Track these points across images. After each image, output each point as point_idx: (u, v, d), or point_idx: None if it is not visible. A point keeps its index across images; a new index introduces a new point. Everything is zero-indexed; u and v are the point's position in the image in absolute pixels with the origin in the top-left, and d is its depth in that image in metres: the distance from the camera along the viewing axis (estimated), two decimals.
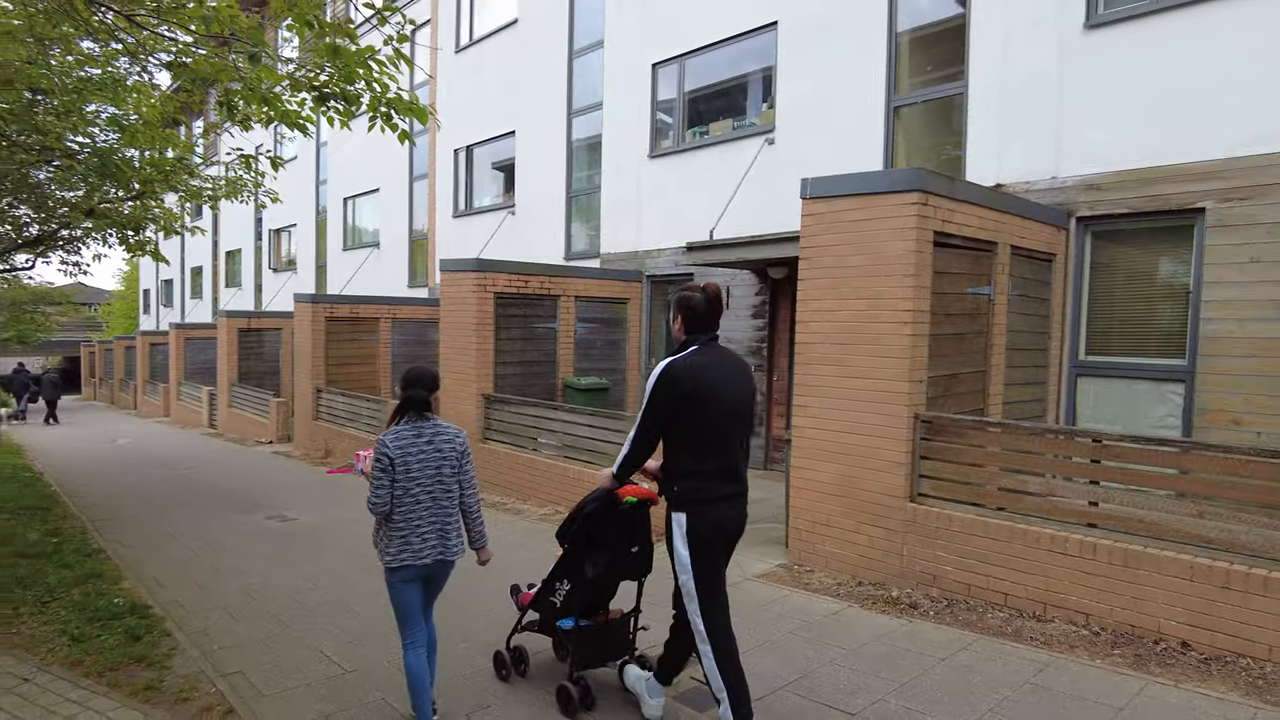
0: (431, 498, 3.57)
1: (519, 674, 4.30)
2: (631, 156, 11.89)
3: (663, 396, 3.40)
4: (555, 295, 10.79)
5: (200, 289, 31.09)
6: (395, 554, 3.54)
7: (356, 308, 14.74)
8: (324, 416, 14.12)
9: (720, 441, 3.42)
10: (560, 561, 4.02)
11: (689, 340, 3.51)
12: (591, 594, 3.97)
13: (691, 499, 3.41)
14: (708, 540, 3.40)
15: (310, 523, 8.42)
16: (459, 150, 15.86)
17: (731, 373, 3.50)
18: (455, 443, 3.64)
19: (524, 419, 9.42)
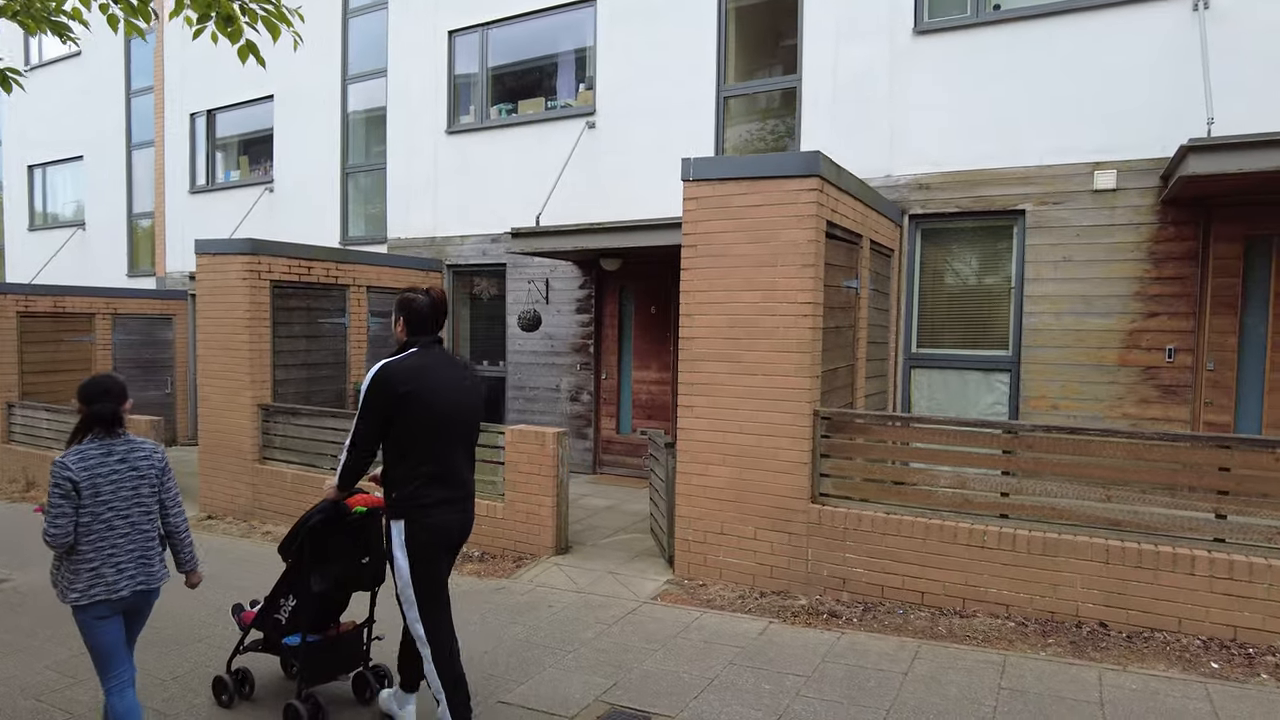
0: (129, 523, 3.23)
1: (243, 697, 4.05)
2: (425, 132, 10.62)
3: (378, 400, 3.31)
4: (344, 285, 9.28)
5: None
6: (85, 589, 3.13)
7: (61, 300, 11.80)
8: (19, 438, 11.13)
9: (441, 446, 3.38)
10: (284, 577, 3.88)
11: (410, 343, 3.46)
12: (319, 608, 3.87)
13: (410, 505, 3.34)
14: (425, 545, 3.36)
15: (35, 583, 6.33)
16: (197, 115, 13.34)
17: (453, 377, 3.46)
18: (154, 459, 3.33)
19: (320, 433, 7.92)
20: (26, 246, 16.53)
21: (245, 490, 8.29)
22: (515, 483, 6.51)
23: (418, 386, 3.31)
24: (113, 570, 3.17)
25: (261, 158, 12.72)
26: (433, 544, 3.38)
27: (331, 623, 4.02)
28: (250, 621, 4.05)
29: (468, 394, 3.49)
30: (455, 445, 3.44)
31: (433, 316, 3.47)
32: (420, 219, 10.72)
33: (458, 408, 3.43)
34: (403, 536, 3.35)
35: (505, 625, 5.01)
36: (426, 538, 3.36)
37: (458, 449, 3.45)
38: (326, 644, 3.92)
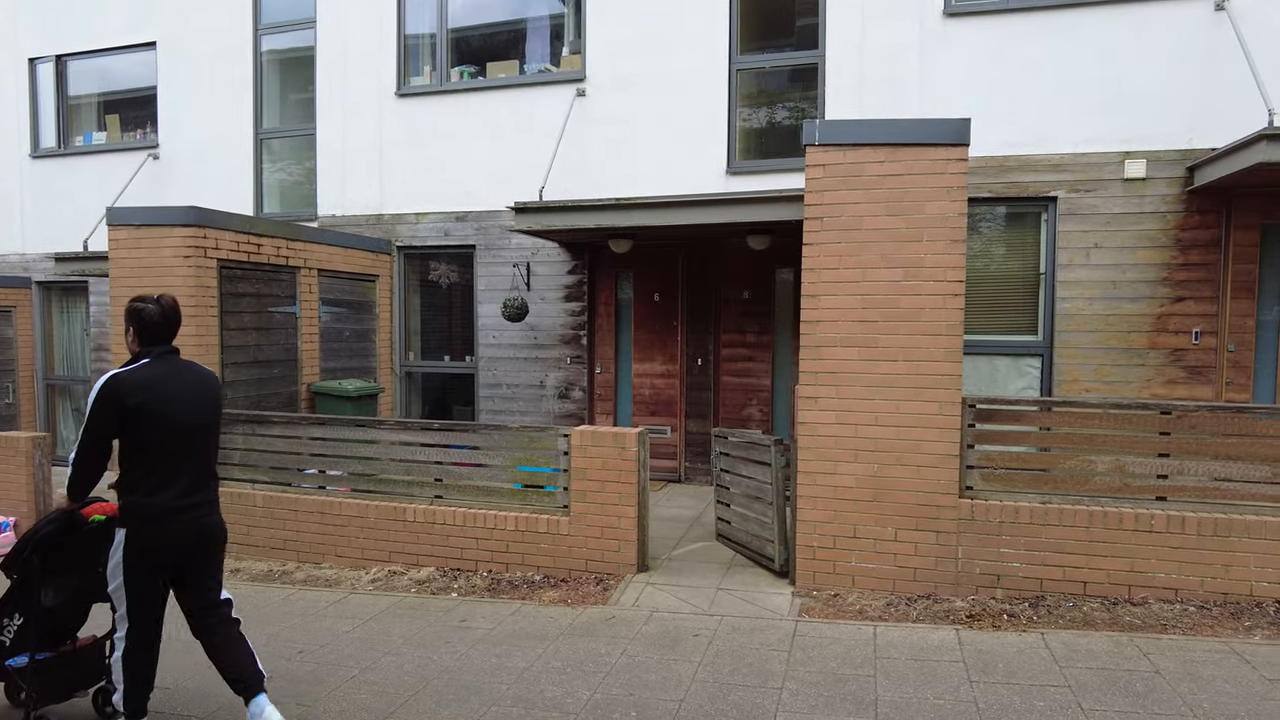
0: None
1: None
2: (368, 94, 9.25)
3: (105, 410, 3.29)
4: (295, 267, 7.83)
5: None
6: None
7: None
8: None
9: (174, 454, 3.40)
10: (9, 594, 3.67)
11: (142, 353, 3.44)
12: (52, 624, 3.71)
13: (133, 514, 3.37)
14: (143, 553, 3.36)
15: None
16: (39, 60, 10.91)
17: (189, 385, 3.48)
18: None
19: (296, 444, 6.56)
20: None
21: None
22: (585, 492, 5.63)
23: (150, 397, 3.32)
24: None
25: (140, 117, 10.59)
26: (152, 551, 3.40)
27: (68, 638, 3.85)
28: None
29: (206, 402, 3.53)
30: (194, 453, 3.46)
31: (165, 325, 3.48)
32: (362, 194, 9.32)
33: (197, 416, 3.47)
34: (122, 543, 3.36)
35: (673, 662, 4.22)
36: (146, 546, 3.37)
37: (196, 456, 3.47)
38: (61, 660, 3.75)
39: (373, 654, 4.52)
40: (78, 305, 11.10)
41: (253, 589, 5.87)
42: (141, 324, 3.45)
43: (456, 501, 6.06)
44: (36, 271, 10.98)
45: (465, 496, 6.08)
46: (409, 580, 5.84)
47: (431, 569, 5.96)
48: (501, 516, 5.85)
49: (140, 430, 3.34)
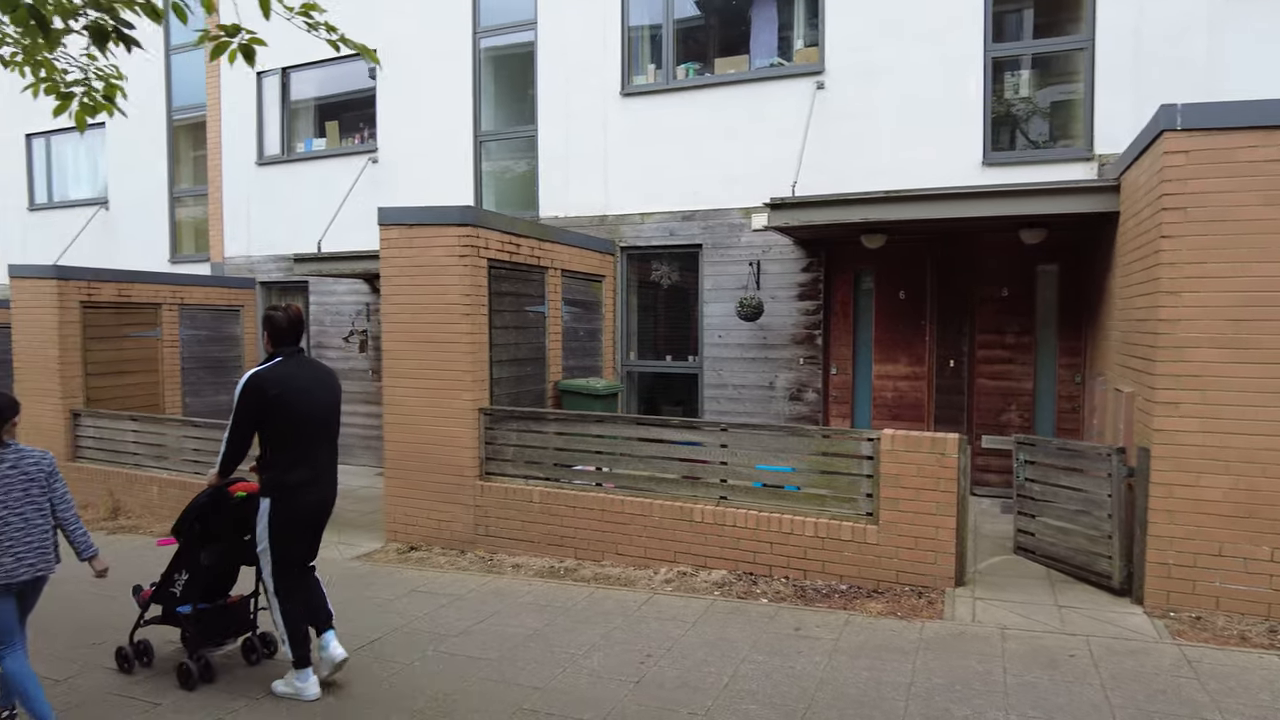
0: (23, 519, 3.70)
1: (143, 665, 4.55)
2: (590, 94, 9.29)
3: (250, 402, 3.95)
4: (544, 267, 7.91)
5: None
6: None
7: (126, 288, 9.93)
8: (91, 454, 9.24)
9: (305, 437, 4.05)
10: (177, 555, 4.40)
11: (276, 353, 4.10)
12: (209, 580, 4.44)
13: (276, 487, 4.01)
14: (286, 520, 4.03)
15: None
16: (267, 74, 11.50)
17: (315, 379, 4.16)
18: (42, 464, 3.81)
19: (572, 441, 6.60)
20: (28, 228, 14.17)
21: (463, 513, 6.87)
22: (896, 500, 5.41)
23: (285, 389, 3.97)
24: (11, 559, 3.64)
25: (358, 123, 11.03)
26: (293, 519, 4.07)
27: (222, 595, 4.57)
28: (149, 598, 4.51)
29: (328, 394, 4.21)
30: (318, 436, 4.14)
31: (291, 330, 4.13)
32: (584, 195, 9.38)
33: (321, 406, 4.13)
34: (267, 512, 4.04)
35: (1071, 685, 3.94)
36: (289, 514, 4.04)
37: (320, 439, 4.15)
38: (216, 611, 4.48)
39: (727, 661, 4.42)
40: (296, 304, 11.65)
41: (547, 586, 5.91)
42: (274, 328, 4.13)
43: (744, 503, 5.95)
44: (260, 273, 11.59)
45: (754, 499, 5.95)
46: (704, 582, 5.75)
47: (723, 572, 5.86)
48: (798, 521, 5.69)
49: (279, 417, 3.99)
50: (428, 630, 5.10)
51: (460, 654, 4.70)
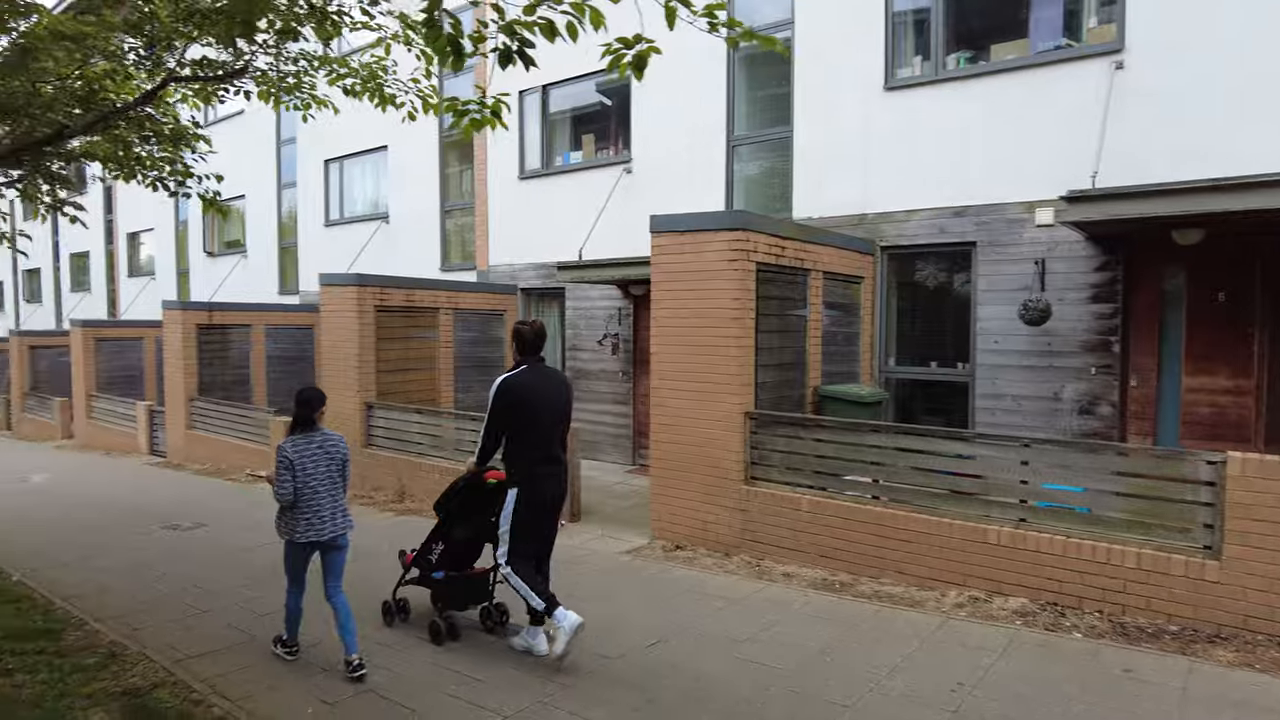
0: (325, 489, 4.59)
1: (402, 620, 5.34)
2: (848, 89, 8.99)
3: (500, 404, 4.65)
4: (806, 270, 7.75)
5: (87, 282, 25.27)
6: (302, 530, 4.54)
7: (412, 294, 10.99)
8: (380, 442, 10.32)
9: (543, 435, 4.71)
10: (435, 529, 5.20)
11: (521, 361, 4.78)
12: (459, 553, 5.18)
13: (520, 477, 4.69)
14: (528, 506, 4.69)
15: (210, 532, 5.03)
16: (528, 92, 12.30)
17: (551, 385, 4.82)
18: (340, 447, 4.71)
19: (844, 450, 6.38)
20: (323, 242, 16.22)
21: (727, 516, 6.86)
22: (1246, 534, 4.67)
23: (528, 393, 4.63)
24: (319, 520, 4.53)
25: (610, 134, 11.49)
26: (536, 505, 4.69)
27: (468, 566, 5.20)
28: (410, 562, 5.23)
29: (562, 397, 4.83)
30: (554, 434, 4.75)
31: (535, 341, 4.73)
32: (841, 194, 9.09)
33: (555, 409, 4.76)
34: (514, 499, 4.67)
35: None
36: (533, 500, 4.67)
37: (556, 437, 4.76)
38: (463, 580, 5.13)
39: (1053, 699, 4.03)
40: (552, 309, 12.35)
41: (823, 599, 5.74)
42: (520, 340, 4.78)
43: (1048, 526, 5.42)
44: (521, 279, 12.40)
45: (1059, 521, 5.40)
46: (1002, 610, 5.30)
47: (1022, 600, 5.37)
48: (1115, 550, 5.09)
49: (523, 417, 4.64)
50: (713, 633, 5.11)
51: (753, 661, 4.65)
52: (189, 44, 4.85)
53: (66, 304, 25.92)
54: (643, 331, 10.94)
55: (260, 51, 5.27)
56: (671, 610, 5.55)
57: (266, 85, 5.60)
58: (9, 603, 6.09)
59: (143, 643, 5.21)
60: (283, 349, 15.03)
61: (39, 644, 5.12)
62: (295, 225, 17.07)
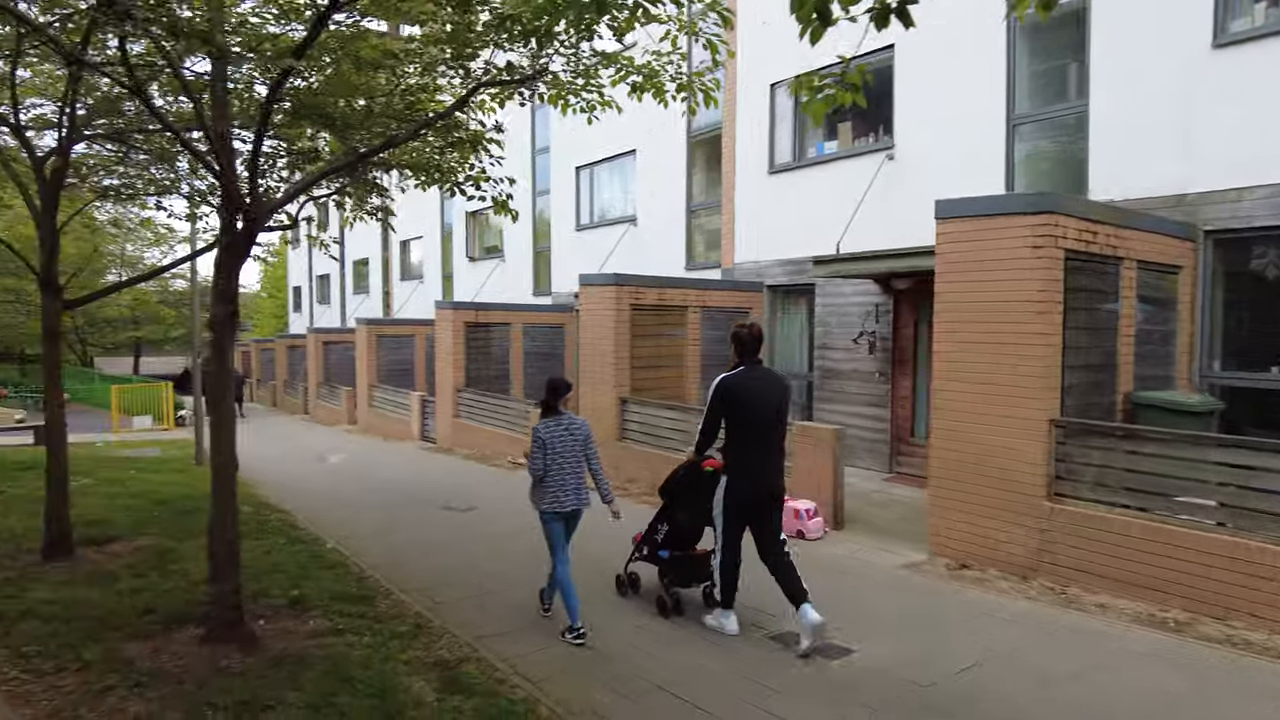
0: (571, 467, 5.17)
1: (634, 592, 5.89)
2: (1164, 52, 7.77)
3: (717, 401, 4.99)
4: (1118, 258, 6.77)
5: (366, 285, 28.58)
6: (549, 503, 5.14)
7: (664, 293, 11.09)
8: (634, 436, 10.50)
9: (756, 431, 4.94)
10: (660, 511, 5.68)
11: (740, 362, 5.04)
12: (682, 535, 5.59)
13: (732, 469, 4.98)
14: (740, 498, 4.97)
15: None
16: (779, 85, 12.01)
17: (767, 385, 5.03)
18: (584, 429, 5.30)
19: (1176, 466, 5.44)
20: (572, 247, 16.99)
21: (1024, 536, 6.12)
22: None
23: (744, 393, 4.95)
24: (564, 494, 5.16)
25: (869, 120, 10.91)
26: (746, 499, 4.98)
27: (690, 547, 5.64)
28: (639, 540, 5.79)
29: (778, 398, 5.05)
30: (768, 432, 5.00)
31: (752, 344, 5.04)
32: (1152, 171, 7.89)
33: (771, 409, 5.00)
34: (725, 489, 5.02)
35: None
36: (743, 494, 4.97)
37: (770, 435, 5.01)
38: (686, 559, 5.59)
39: None
40: (799, 306, 11.97)
41: (1153, 637, 4.93)
42: (739, 343, 5.04)
43: None
44: (767, 277, 12.14)
45: None
46: None
47: None
48: None
49: (738, 414, 4.93)
50: (1028, 666, 4.53)
51: (1083, 705, 4.03)
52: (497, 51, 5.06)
53: (350, 305, 29.39)
54: (903, 329, 10.26)
55: (556, 54, 5.40)
56: (972, 635, 5.01)
57: (557, 89, 5.74)
58: (328, 568, 6.77)
59: (443, 617, 5.53)
60: (537, 346, 15.94)
61: (359, 608, 5.59)
62: (548, 230, 18.05)
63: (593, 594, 5.68)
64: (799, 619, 4.72)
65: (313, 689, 4.19)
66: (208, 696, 4.09)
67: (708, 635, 5.14)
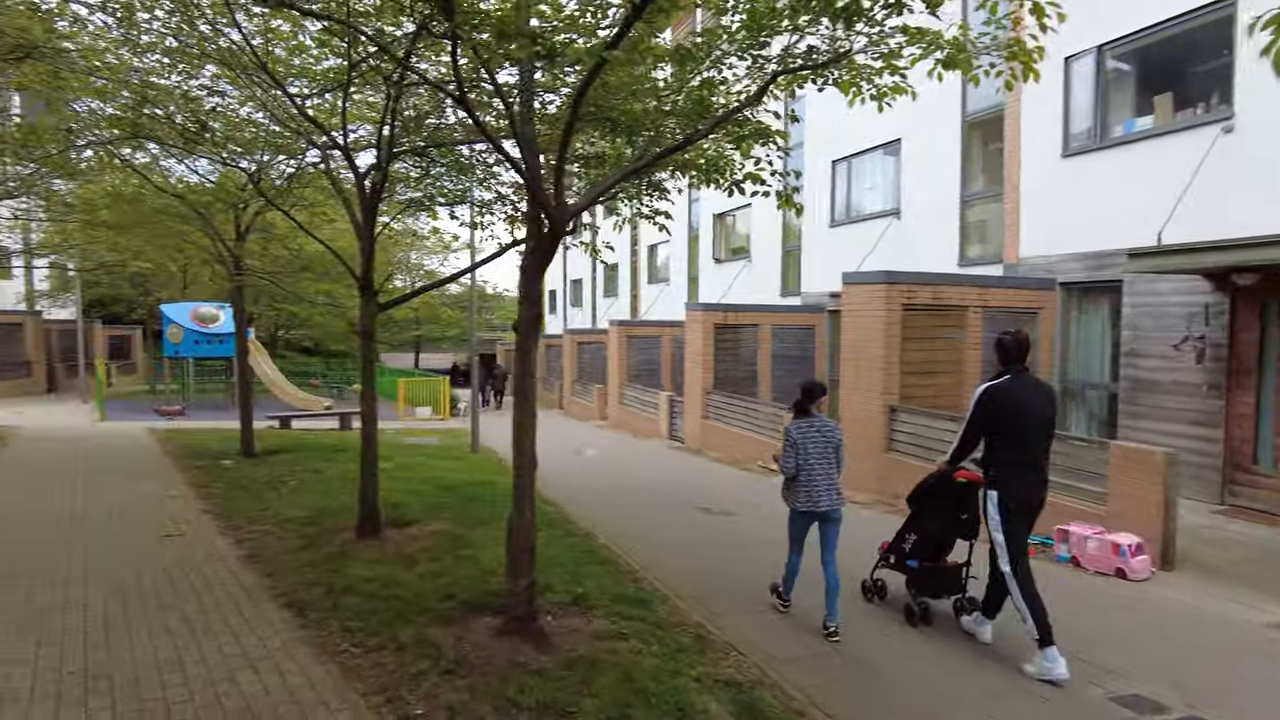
0: (823, 468, 5.26)
1: (880, 599, 5.89)
2: None
3: (980, 410, 4.87)
4: None
5: (615, 288, 29.79)
6: (803, 502, 5.29)
7: (939, 291, 10.20)
8: (903, 448, 9.74)
9: (1022, 442, 4.78)
10: (908, 520, 5.63)
11: (1004, 370, 4.90)
12: (931, 545, 5.47)
13: (1000, 481, 4.81)
14: (1012, 511, 4.76)
15: None
16: (1075, 57, 10.60)
17: (1034, 394, 4.87)
18: (836, 432, 5.37)
19: None
20: (825, 244, 16.36)
21: None
22: None
23: (1010, 401, 4.80)
24: (815, 493, 5.26)
25: (1196, 90, 9.28)
26: (1017, 510, 4.78)
27: (941, 558, 5.52)
28: (885, 549, 5.77)
29: (1045, 407, 4.86)
30: (1034, 442, 4.80)
31: (1018, 351, 4.89)
32: None
33: (1037, 418, 4.80)
34: (996, 502, 4.81)
35: None
36: (1013, 505, 4.77)
37: (1036, 445, 4.81)
38: (934, 570, 5.49)
39: None
40: (1100, 307, 10.49)
41: None
42: (1003, 350, 4.94)
43: None
44: (1060, 273, 10.78)
45: None
46: None
47: None
48: None
49: (1005, 425, 4.83)
50: None
51: None
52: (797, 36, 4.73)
53: (600, 308, 30.75)
54: (1243, 334, 8.60)
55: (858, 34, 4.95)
56: None
57: (853, 73, 5.29)
58: (600, 564, 6.82)
59: (724, 631, 5.31)
60: (786, 348, 15.53)
61: (639, 611, 5.51)
62: (798, 229, 17.54)
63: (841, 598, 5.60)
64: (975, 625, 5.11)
65: (608, 697, 4.11)
66: (509, 692, 4.15)
67: None
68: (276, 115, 7.78)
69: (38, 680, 4.23)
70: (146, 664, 4.44)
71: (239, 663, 4.46)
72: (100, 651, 4.61)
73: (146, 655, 4.56)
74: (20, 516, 7.93)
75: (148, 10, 6.77)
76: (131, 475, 10.49)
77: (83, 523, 7.78)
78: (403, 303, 8.39)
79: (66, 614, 5.21)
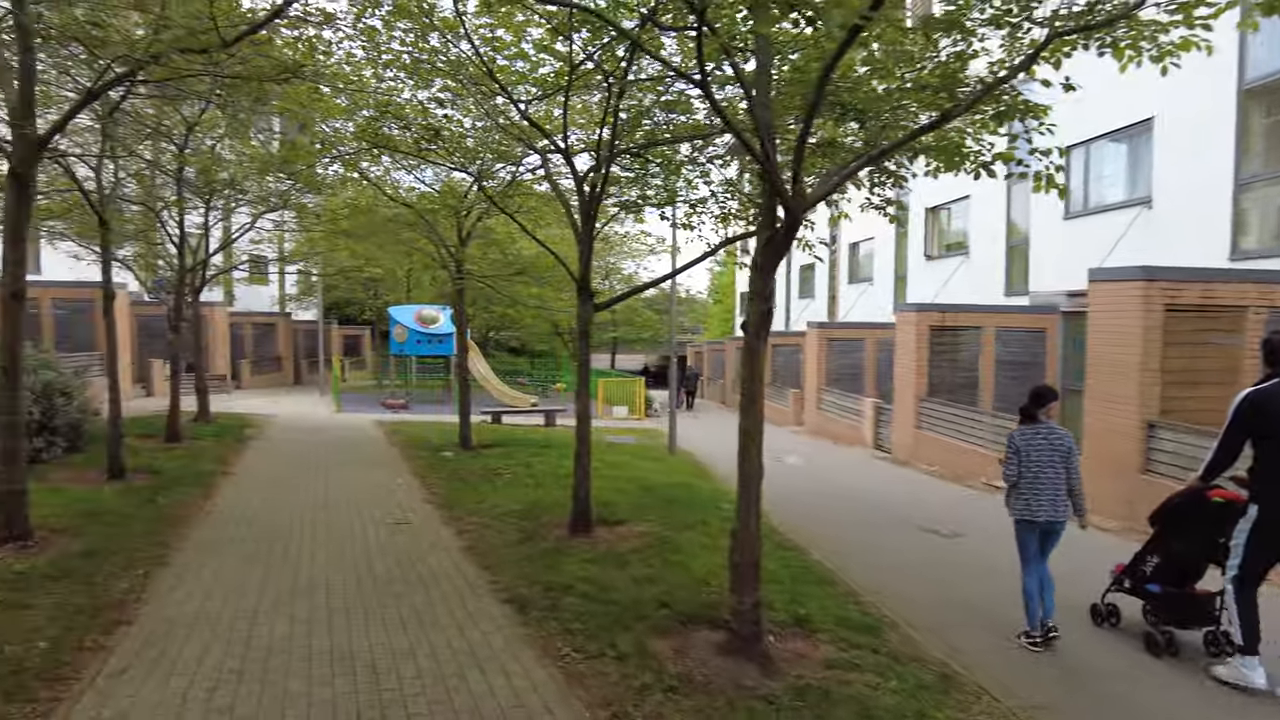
0: (1048, 477, 4.97)
1: (1112, 624, 5.43)
2: None
3: (1241, 419, 4.41)
4: None
5: (811, 289, 28.96)
6: (1020, 510, 5.07)
7: (1210, 290, 8.79)
8: (1165, 469, 8.44)
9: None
10: (1150, 540, 5.16)
11: (1272, 373, 4.41)
12: (1176, 569, 5.01)
13: (1265, 497, 4.33)
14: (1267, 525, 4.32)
15: None
16: None
17: None
18: (1066, 441, 5.04)
19: None
20: (1059, 239, 14.79)
21: None
22: None
23: (1276, 407, 4.32)
24: (1036, 503, 5.00)
25: None
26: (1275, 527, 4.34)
27: (1188, 584, 5.03)
28: (1120, 571, 5.35)
29: None
30: None
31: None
32: None
33: None
34: (1252, 519, 4.38)
35: None
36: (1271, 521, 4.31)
37: None
38: (1181, 597, 5.02)
39: None
40: None
41: None
42: (1270, 351, 4.51)
43: None
44: None
45: None
46: None
47: None
48: None
49: (1272, 433, 4.36)
50: None
51: None
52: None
53: (794, 309, 29.96)
54: None
55: None
56: None
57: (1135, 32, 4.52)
58: (818, 583, 6.37)
59: (970, 669, 4.73)
60: (1011, 353, 14.16)
61: (868, 639, 5.04)
62: (1024, 223, 16.00)
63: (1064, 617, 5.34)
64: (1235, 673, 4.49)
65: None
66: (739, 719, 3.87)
67: None
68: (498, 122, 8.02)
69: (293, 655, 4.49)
70: (382, 651, 4.59)
71: (466, 660, 4.50)
72: (341, 635, 4.84)
73: (381, 642, 4.73)
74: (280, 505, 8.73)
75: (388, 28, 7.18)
76: (365, 465, 11.36)
77: (326, 508, 8.45)
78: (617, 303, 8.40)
79: (313, 596, 5.56)
